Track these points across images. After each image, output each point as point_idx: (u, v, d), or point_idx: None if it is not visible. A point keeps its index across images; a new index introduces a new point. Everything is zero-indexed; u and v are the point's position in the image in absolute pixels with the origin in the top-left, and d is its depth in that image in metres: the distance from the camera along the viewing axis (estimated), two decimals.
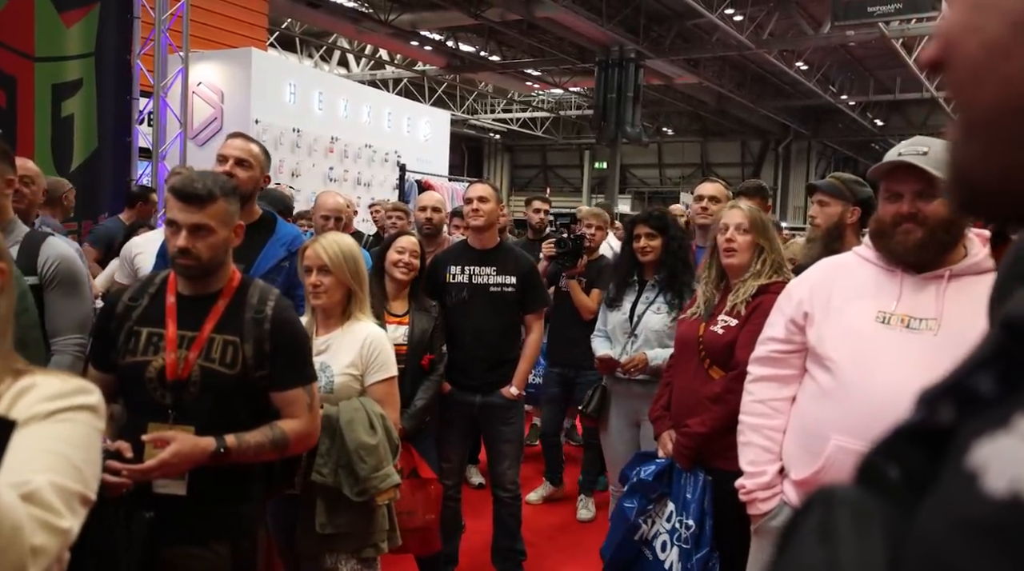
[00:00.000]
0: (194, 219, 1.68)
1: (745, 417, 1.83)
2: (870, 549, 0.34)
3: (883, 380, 1.50)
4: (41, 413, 0.94)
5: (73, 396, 0.98)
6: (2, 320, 1.04)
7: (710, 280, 2.39)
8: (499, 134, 27.28)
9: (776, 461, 1.75)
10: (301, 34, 16.61)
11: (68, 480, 0.91)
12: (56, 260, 2.06)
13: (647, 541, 2.27)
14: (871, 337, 1.56)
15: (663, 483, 2.28)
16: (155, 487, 1.64)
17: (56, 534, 0.85)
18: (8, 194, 2.03)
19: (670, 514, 2.23)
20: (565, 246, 3.52)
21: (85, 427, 0.98)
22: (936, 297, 1.53)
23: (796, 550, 0.37)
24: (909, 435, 0.39)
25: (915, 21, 12.76)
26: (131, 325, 1.74)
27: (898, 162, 1.54)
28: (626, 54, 14.43)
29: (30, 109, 5.37)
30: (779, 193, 25.76)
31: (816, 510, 0.37)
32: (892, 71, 17.72)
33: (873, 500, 0.37)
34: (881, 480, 0.38)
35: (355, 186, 8.62)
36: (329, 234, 2.30)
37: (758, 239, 2.29)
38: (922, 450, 0.38)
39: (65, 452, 0.93)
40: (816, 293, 1.71)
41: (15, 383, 0.97)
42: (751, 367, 1.85)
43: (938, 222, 1.52)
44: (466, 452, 3.24)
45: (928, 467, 0.37)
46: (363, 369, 2.17)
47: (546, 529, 3.85)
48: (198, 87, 7.45)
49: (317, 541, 2.06)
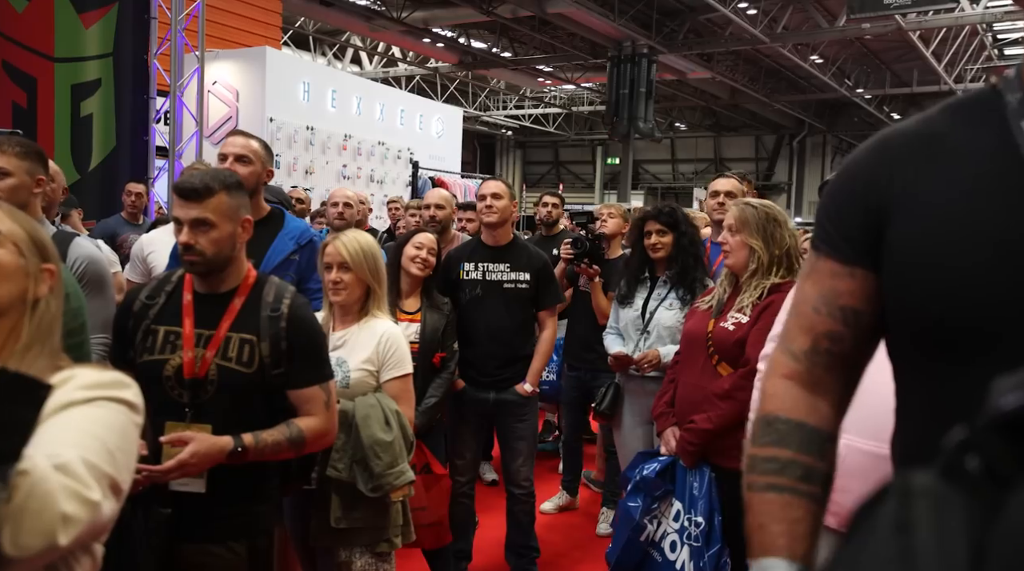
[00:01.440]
0: (193, 214, 1.67)
1: (754, 416, 1.82)
2: (951, 542, 0.33)
3: (890, 378, 1.50)
4: (80, 399, 0.95)
5: (112, 388, 1.00)
6: (51, 319, 1.06)
7: (725, 276, 2.40)
8: (511, 130, 27.25)
9: None
10: (314, 32, 16.67)
11: (99, 460, 0.91)
12: (84, 260, 2.08)
13: (654, 542, 2.24)
14: None
15: (666, 481, 2.25)
16: (173, 485, 1.64)
17: (86, 505, 0.86)
18: (38, 194, 2.06)
19: (677, 513, 2.21)
20: (582, 247, 3.48)
21: (121, 415, 0.99)
22: None
23: (868, 540, 0.35)
24: (994, 423, 0.36)
25: (932, 13, 12.60)
26: (148, 323, 1.74)
27: None
28: (638, 49, 14.36)
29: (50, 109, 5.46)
30: (793, 188, 25.57)
31: (892, 499, 0.35)
32: (909, 63, 17.51)
33: (954, 491, 0.35)
34: (960, 471, 0.36)
35: (368, 183, 8.66)
36: (349, 231, 2.32)
37: (748, 239, 2.26)
38: (1010, 440, 0.36)
39: (98, 433, 0.93)
40: None
41: (54, 376, 0.99)
42: (761, 364, 1.84)
43: None
44: (480, 448, 3.25)
45: (1015, 459, 0.35)
46: (379, 365, 2.19)
47: (561, 526, 3.86)
48: (213, 86, 7.52)
49: (331, 535, 2.08)
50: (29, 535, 0.80)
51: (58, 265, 1.10)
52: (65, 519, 0.83)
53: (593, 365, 3.50)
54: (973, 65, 16.89)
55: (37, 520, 0.80)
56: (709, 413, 2.18)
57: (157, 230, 3.15)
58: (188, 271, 1.76)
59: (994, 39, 16.78)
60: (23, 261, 1.03)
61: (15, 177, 1.98)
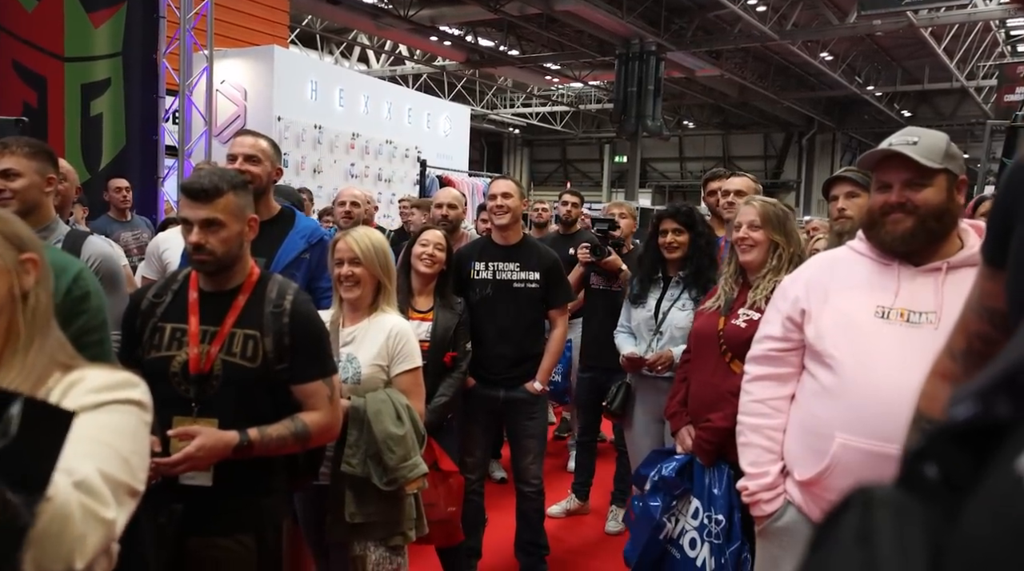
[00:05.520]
0: (203, 214, 1.70)
1: (744, 417, 1.80)
2: (911, 551, 0.33)
3: (886, 376, 1.48)
4: (89, 404, 0.94)
5: (121, 389, 0.99)
6: (44, 310, 1.02)
7: (729, 275, 2.38)
8: (518, 129, 27.25)
9: (778, 461, 1.73)
10: (322, 31, 16.71)
11: (115, 470, 0.91)
12: (98, 258, 2.10)
13: (673, 539, 2.25)
14: (871, 333, 1.54)
15: (684, 480, 2.26)
16: (181, 479, 1.67)
17: (103, 526, 0.86)
18: (50, 193, 2.07)
19: (695, 511, 2.21)
20: (600, 254, 3.47)
21: (133, 418, 0.98)
22: (935, 290, 1.52)
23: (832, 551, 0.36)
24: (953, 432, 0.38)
25: (944, 9, 12.51)
26: (155, 321, 1.78)
27: (888, 151, 1.52)
28: (646, 47, 14.33)
29: (60, 109, 5.48)
30: (803, 186, 25.47)
31: (853, 510, 0.36)
32: (920, 60, 17.41)
33: (913, 501, 0.36)
34: (920, 480, 0.37)
35: (376, 182, 8.67)
36: (359, 228, 2.33)
37: (772, 235, 2.28)
38: (965, 449, 0.37)
39: (113, 442, 0.93)
40: (812, 290, 1.68)
41: (64, 377, 0.97)
42: (748, 366, 1.82)
43: (928, 211, 1.50)
44: (489, 446, 3.25)
45: (971, 467, 0.36)
46: (389, 360, 2.20)
47: (570, 524, 3.85)
48: (222, 85, 7.53)
49: (347, 530, 2.09)
50: (51, 559, 0.80)
51: (41, 253, 1.06)
52: (82, 541, 0.83)
53: (607, 365, 3.45)
54: (985, 62, 16.76)
55: (57, 544, 0.81)
56: (725, 411, 2.17)
57: (171, 229, 3.17)
58: (198, 270, 1.78)
59: (1007, 35, 16.64)
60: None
61: (25, 177, 1.99)
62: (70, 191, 2.83)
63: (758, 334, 1.82)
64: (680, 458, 2.30)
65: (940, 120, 22.72)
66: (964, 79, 16.71)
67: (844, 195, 2.68)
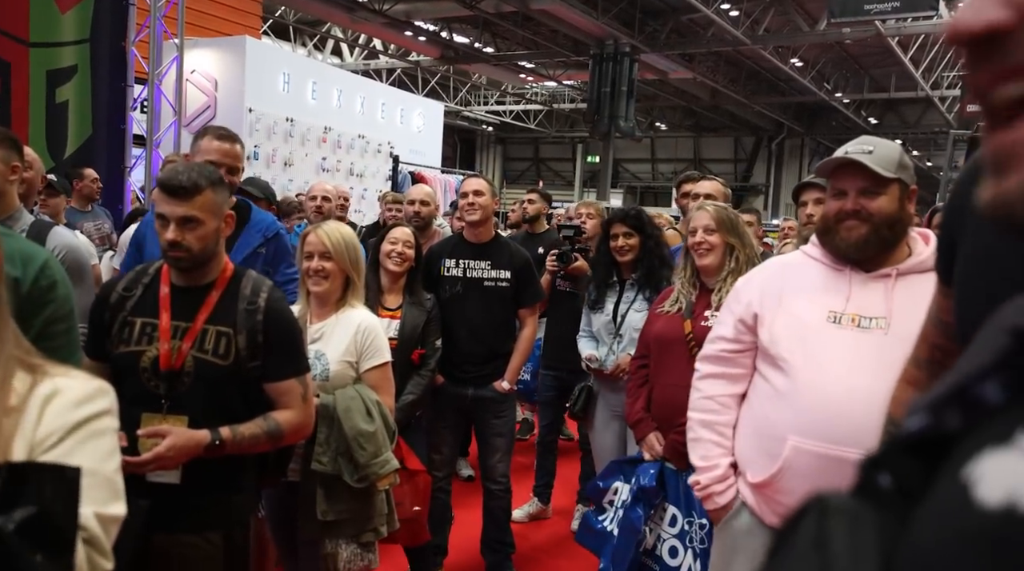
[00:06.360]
0: (180, 211, 1.69)
1: (694, 414, 1.82)
2: (864, 556, 0.34)
3: (837, 379, 1.52)
4: (71, 423, 0.92)
5: (96, 400, 0.97)
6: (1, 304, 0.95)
7: (686, 279, 2.43)
8: (492, 126, 27.23)
9: (728, 455, 1.75)
10: (295, 22, 16.50)
11: (109, 505, 0.91)
12: (63, 249, 2.05)
13: (649, 551, 2.22)
14: (824, 337, 1.57)
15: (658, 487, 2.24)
16: (149, 476, 1.64)
17: None
18: (14, 181, 2.02)
19: (672, 518, 2.19)
20: (567, 261, 3.50)
21: (111, 431, 0.97)
22: (884, 296, 1.56)
23: (790, 555, 0.36)
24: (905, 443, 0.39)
25: (911, 20, 12.80)
26: (125, 315, 1.75)
27: (844, 160, 1.56)
28: (620, 48, 14.42)
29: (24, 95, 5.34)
30: (771, 190, 25.86)
31: (810, 517, 0.37)
32: (887, 69, 17.79)
33: (868, 508, 0.37)
34: (875, 488, 0.38)
35: (348, 177, 8.61)
36: (330, 222, 2.32)
37: (727, 237, 2.34)
38: (916, 458, 0.38)
39: (102, 471, 0.92)
40: (766, 293, 1.71)
41: (36, 386, 0.93)
42: (699, 364, 1.84)
43: (882, 219, 1.55)
44: (457, 444, 3.26)
45: (922, 476, 0.37)
46: (358, 356, 2.19)
47: (536, 522, 3.88)
48: (192, 75, 7.41)
49: (318, 527, 2.09)
50: None
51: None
52: None
53: (571, 365, 3.47)
54: (950, 72, 17.19)
55: None
56: None
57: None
58: (173, 266, 1.76)
59: None
60: None
61: None
62: (35, 180, 2.77)
63: (711, 334, 1.84)
64: (653, 465, 2.28)
65: (905, 128, 23.24)
66: (929, 88, 17.11)
67: (813, 201, 2.74)
